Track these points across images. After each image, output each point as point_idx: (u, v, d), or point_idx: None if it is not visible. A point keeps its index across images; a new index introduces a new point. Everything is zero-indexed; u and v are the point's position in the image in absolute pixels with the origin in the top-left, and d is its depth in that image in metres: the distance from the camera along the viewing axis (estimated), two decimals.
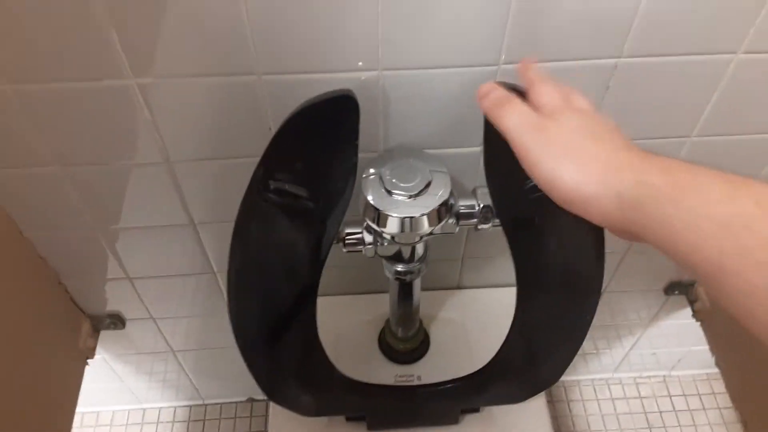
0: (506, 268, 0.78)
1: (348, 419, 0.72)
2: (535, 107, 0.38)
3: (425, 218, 0.49)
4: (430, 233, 0.51)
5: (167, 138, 0.55)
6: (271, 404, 0.69)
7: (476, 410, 0.72)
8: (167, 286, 0.75)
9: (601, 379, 1.10)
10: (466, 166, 0.61)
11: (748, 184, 0.28)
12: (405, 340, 0.72)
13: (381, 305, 0.75)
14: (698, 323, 0.86)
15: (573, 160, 0.34)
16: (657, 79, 0.54)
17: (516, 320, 0.59)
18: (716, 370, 1.08)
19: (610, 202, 0.32)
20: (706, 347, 1.00)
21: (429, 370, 0.73)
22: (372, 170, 0.51)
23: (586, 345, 1.03)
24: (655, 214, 0.30)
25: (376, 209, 0.49)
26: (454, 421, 0.71)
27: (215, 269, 0.73)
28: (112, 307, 0.79)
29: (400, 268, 0.58)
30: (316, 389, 0.66)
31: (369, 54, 0.49)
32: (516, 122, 0.37)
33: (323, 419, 0.72)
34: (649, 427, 1.05)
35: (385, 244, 0.55)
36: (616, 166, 0.33)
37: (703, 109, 0.58)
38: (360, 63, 0.50)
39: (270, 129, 0.55)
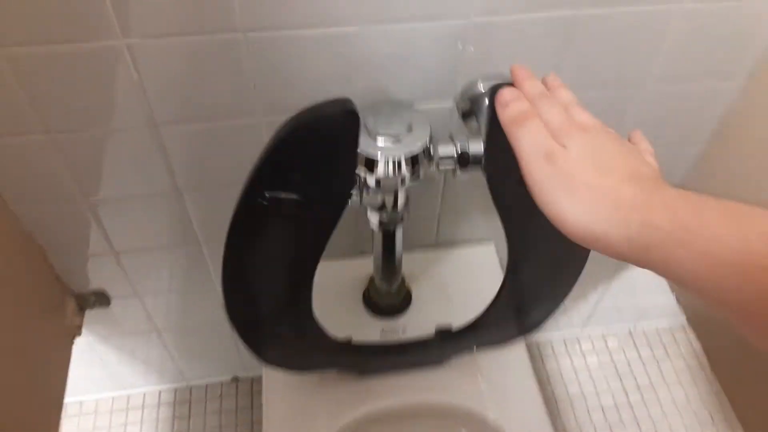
0: (481, 224, 0.83)
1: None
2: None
3: (410, 160, 0.53)
4: (414, 176, 0.55)
5: (153, 100, 0.57)
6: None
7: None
8: (152, 260, 0.77)
9: (571, 336, 1.16)
10: (438, 119, 0.64)
11: (753, 216, 0.29)
12: (389, 294, 0.75)
13: (364, 268, 0.78)
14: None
15: (580, 199, 0.35)
16: (612, 29, 0.59)
17: (506, 280, 0.63)
18: (678, 321, 1.16)
19: (619, 243, 0.33)
20: (668, 299, 1.07)
21: (413, 323, 0.77)
22: None
23: None
24: (664, 257, 0.30)
25: (363, 154, 0.52)
26: (441, 363, 0.75)
27: (200, 239, 0.75)
28: (96, 284, 0.80)
29: (384, 217, 0.61)
30: (309, 356, 0.69)
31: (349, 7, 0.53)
32: (529, 147, 0.39)
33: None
34: (619, 377, 1.11)
35: (371, 192, 0.58)
36: (621, 206, 0.33)
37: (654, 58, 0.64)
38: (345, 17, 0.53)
39: (254, 86, 0.57)
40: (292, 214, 0.51)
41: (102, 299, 0.81)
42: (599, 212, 0.34)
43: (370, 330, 0.76)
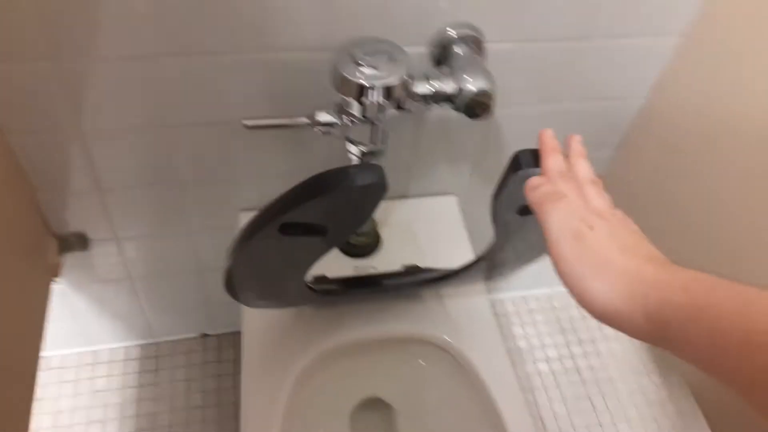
0: (446, 176, 0.90)
1: None
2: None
3: (391, 87, 0.59)
4: (393, 102, 0.61)
5: (149, 29, 0.61)
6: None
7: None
8: (134, 199, 0.80)
9: (519, 296, 1.25)
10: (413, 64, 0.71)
11: (760, 297, 0.30)
12: (361, 234, 0.82)
13: None
14: None
15: (604, 278, 0.37)
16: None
17: (483, 258, 0.68)
18: None
19: (640, 319, 0.34)
20: None
21: (382, 262, 0.83)
22: (342, 51, 0.61)
23: None
24: (680, 334, 0.32)
25: (350, 80, 0.59)
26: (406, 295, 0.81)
27: (181, 181, 0.79)
28: (78, 226, 0.83)
29: (364, 148, 0.68)
30: (288, 297, 0.74)
31: None
32: (558, 226, 0.41)
33: None
34: (562, 331, 1.20)
35: (354, 122, 0.64)
36: (642, 284, 0.35)
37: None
38: None
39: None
40: (304, 240, 0.54)
41: (82, 242, 0.84)
42: (623, 290, 0.36)
43: (344, 269, 0.82)
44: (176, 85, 0.67)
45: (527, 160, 0.51)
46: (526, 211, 0.56)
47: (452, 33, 0.68)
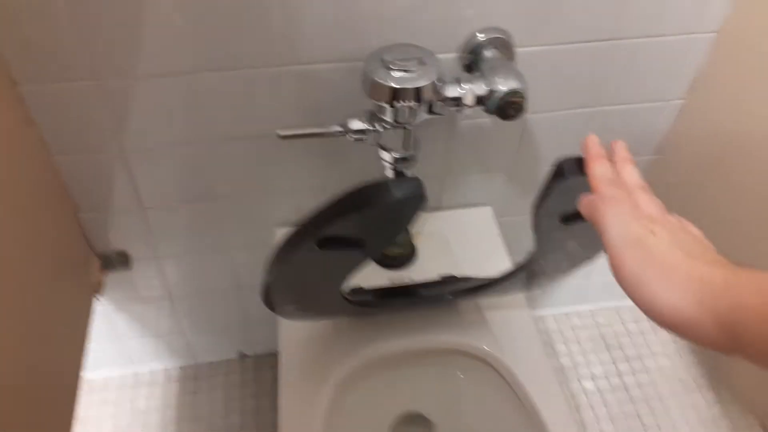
0: (480, 188, 0.89)
1: None
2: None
3: (424, 89, 0.60)
4: (424, 106, 0.62)
5: (196, 46, 0.63)
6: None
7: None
8: (175, 217, 0.82)
9: (561, 313, 1.22)
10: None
11: None
12: (396, 245, 0.81)
13: None
14: None
15: (671, 284, 0.35)
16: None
17: (523, 266, 0.66)
18: None
19: (710, 325, 0.33)
20: None
21: (418, 274, 0.82)
22: (373, 57, 0.61)
23: None
24: (752, 335, 0.31)
25: (381, 84, 0.59)
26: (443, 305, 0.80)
27: (219, 197, 0.80)
28: (120, 245, 0.84)
29: (396, 155, 0.68)
30: (324, 309, 0.73)
31: None
32: (617, 229, 0.40)
33: None
34: (607, 348, 1.16)
35: (387, 127, 0.65)
36: (711, 288, 0.34)
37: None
38: None
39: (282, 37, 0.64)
40: (341, 253, 0.55)
41: (123, 260, 0.86)
42: (692, 296, 0.34)
43: (379, 281, 0.81)
44: (212, 101, 0.69)
45: (571, 168, 0.49)
46: (569, 219, 0.55)
47: (481, 37, 0.68)
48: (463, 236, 0.88)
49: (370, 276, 0.82)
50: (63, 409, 0.72)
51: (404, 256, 0.83)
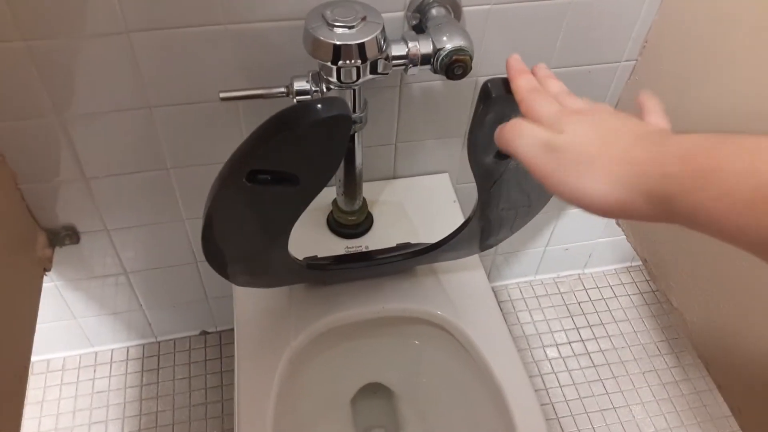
0: (435, 154, 0.89)
1: None
2: (536, 119, 0.41)
3: (368, 46, 0.58)
4: (372, 67, 0.60)
5: (126, 3, 0.61)
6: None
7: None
8: (121, 187, 0.79)
9: (525, 282, 1.22)
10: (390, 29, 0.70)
11: (766, 148, 0.28)
12: (351, 213, 0.80)
13: (325, 195, 0.83)
14: None
15: (592, 173, 0.35)
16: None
17: (471, 219, 0.65)
18: (623, 265, 1.24)
19: (643, 202, 0.33)
20: (613, 238, 1.15)
21: (374, 241, 0.81)
22: (314, 14, 0.60)
23: (508, 248, 1.14)
24: (688, 206, 0.30)
25: (323, 41, 0.58)
26: (400, 271, 0.79)
27: (168, 165, 0.78)
28: (66, 219, 0.82)
29: None
30: (278, 275, 0.72)
31: None
32: (527, 148, 0.39)
33: None
34: (570, 315, 1.17)
35: (332, 88, 0.63)
36: (636, 166, 0.33)
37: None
38: None
39: None
40: (275, 190, 0.52)
41: (72, 235, 0.83)
42: (617, 179, 0.34)
43: (334, 249, 0.80)
44: (151, 63, 0.67)
45: (497, 87, 0.49)
46: (504, 155, 0.54)
47: None
48: (420, 204, 0.87)
49: (326, 245, 0.81)
50: (12, 391, 0.70)
51: (360, 225, 0.82)
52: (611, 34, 0.78)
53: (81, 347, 1.07)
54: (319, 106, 0.47)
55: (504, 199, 0.62)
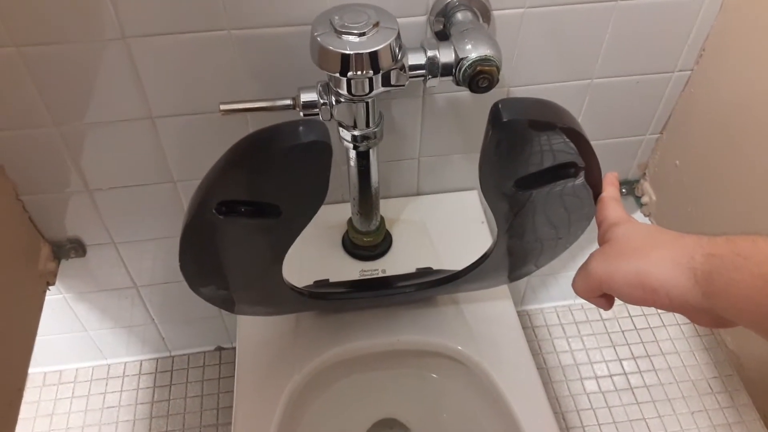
0: (462, 170, 0.81)
1: None
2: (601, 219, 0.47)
3: (380, 55, 0.51)
4: (386, 79, 0.54)
5: (123, 9, 0.56)
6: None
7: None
8: (126, 200, 0.75)
9: (563, 306, 1.13)
10: (411, 35, 0.63)
11: None
12: (367, 233, 0.74)
13: (342, 213, 0.77)
14: (648, 219, 0.90)
15: (642, 255, 0.39)
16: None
17: (497, 245, 0.58)
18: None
19: (687, 280, 0.35)
20: None
21: (392, 264, 0.75)
22: (321, 20, 0.53)
23: (546, 270, 1.06)
24: (723, 281, 0.33)
25: (331, 51, 0.51)
26: (417, 301, 0.72)
27: (174, 178, 0.74)
28: (71, 231, 0.79)
29: (356, 132, 0.60)
30: (281, 304, 0.66)
31: None
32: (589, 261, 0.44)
33: None
34: (612, 345, 1.08)
35: (342, 100, 0.57)
36: (684, 248, 0.37)
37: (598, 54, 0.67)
38: None
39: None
40: (253, 222, 0.47)
41: (78, 248, 0.80)
42: (664, 259, 0.37)
43: (349, 272, 0.74)
44: (151, 71, 0.62)
45: (510, 110, 0.42)
46: (525, 183, 0.47)
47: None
48: (444, 224, 0.80)
49: (340, 267, 0.75)
50: (7, 406, 0.67)
51: (377, 246, 0.75)
52: (663, 40, 0.69)
53: (94, 359, 1.04)
54: (294, 129, 0.41)
55: (530, 231, 0.55)
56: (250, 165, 0.42)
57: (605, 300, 0.45)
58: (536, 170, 0.48)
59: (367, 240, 0.74)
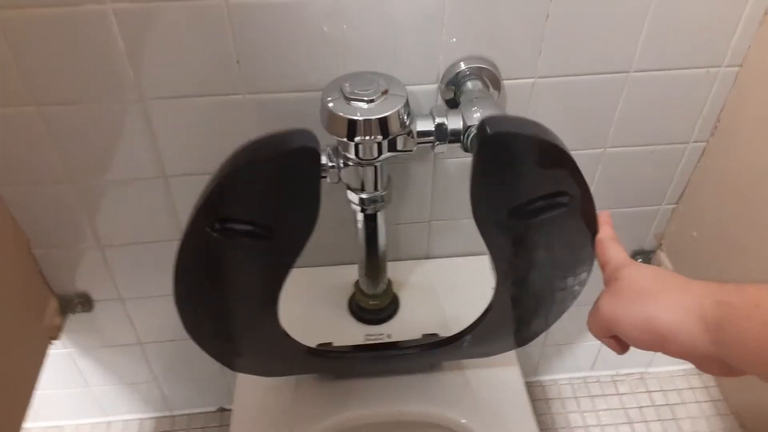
0: (473, 234, 0.80)
1: None
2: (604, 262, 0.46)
3: (386, 121, 0.52)
4: (393, 144, 0.54)
5: (143, 73, 0.58)
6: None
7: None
8: (137, 257, 0.75)
9: (578, 378, 1.09)
10: (422, 102, 0.64)
11: None
12: (374, 297, 0.72)
13: (349, 275, 0.76)
14: None
15: (651, 299, 0.38)
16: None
17: (495, 300, 0.58)
18: (693, 366, 1.09)
19: (696, 327, 0.35)
20: None
21: (398, 330, 0.73)
22: (332, 86, 0.54)
23: (560, 338, 1.03)
24: (735, 332, 0.33)
25: (339, 116, 0.52)
26: (423, 369, 0.70)
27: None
28: (80, 286, 0.79)
29: (364, 195, 0.60)
30: (282, 362, 0.65)
31: None
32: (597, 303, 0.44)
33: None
34: (629, 422, 1.03)
35: (349, 164, 0.57)
36: (693, 294, 0.36)
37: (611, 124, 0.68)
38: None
39: (237, 62, 0.59)
40: (247, 244, 0.47)
41: (85, 303, 0.80)
42: (675, 303, 0.36)
43: (353, 336, 0.73)
44: (167, 133, 0.63)
45: (495, 124, 0.42)
46: (519, 212, 0.46)
47: (463, 67, 0.61)
48: (455, 289, 0.78)
49: (345, 330, 0.73)
50: None
51: (383, 310, 0.74)
52: (676, 111, 0.69)
53: (94, 416, 1.02)
54: (283, 136, 0.43)
55: (532, 272, 0.53)
56: (241, 175, 0.43)
57: (616, 342, 0.44)
58: (528, 198, 0.47)
59: (374, 303, 0.73)
